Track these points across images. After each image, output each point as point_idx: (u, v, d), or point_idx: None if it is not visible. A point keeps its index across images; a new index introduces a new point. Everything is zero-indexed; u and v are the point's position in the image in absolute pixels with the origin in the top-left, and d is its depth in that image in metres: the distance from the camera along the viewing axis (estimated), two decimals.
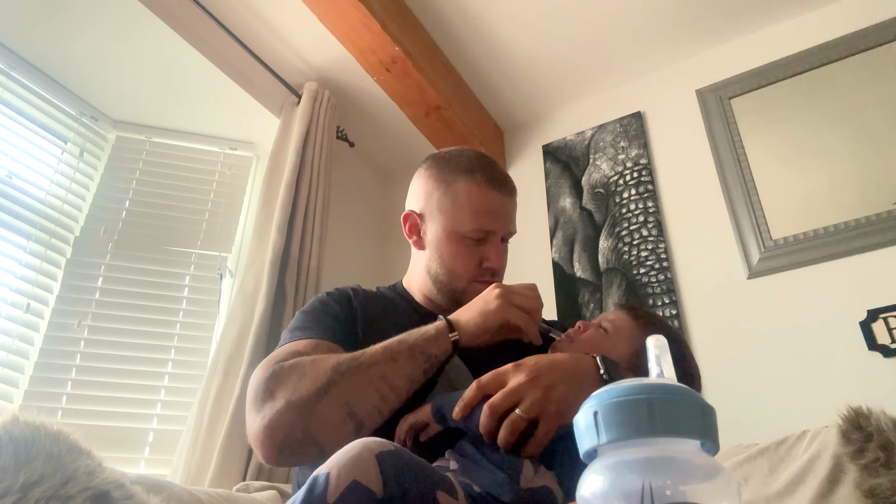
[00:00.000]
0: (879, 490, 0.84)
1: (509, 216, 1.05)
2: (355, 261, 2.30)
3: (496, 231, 1.02)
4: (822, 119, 1.88)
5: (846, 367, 1.56)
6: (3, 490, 0.44)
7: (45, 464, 0.47)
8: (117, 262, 1.81)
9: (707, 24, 2.10)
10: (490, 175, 1.03)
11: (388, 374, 0.81)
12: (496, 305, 0.85)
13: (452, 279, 1.02)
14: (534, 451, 0.69)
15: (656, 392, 0.37)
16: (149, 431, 1.64)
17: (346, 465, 0.54)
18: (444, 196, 1.03)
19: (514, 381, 0.71)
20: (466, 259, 1.01)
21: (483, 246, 1.02)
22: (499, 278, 1.04)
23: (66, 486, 0.47)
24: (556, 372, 0.72)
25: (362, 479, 0.53)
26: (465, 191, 1.01)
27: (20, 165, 1.71)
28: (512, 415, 0.69)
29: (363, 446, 0.56)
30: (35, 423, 0.49)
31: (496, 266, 1.02)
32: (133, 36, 1.79)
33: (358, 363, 0.81)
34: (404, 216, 1.09)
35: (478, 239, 1.01)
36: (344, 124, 2.30)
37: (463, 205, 1.01)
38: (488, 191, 1.01)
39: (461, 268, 1.01)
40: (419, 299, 1.09)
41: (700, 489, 0.35)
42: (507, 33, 2.13)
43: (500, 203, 1.03)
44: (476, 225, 1.00)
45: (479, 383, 0.73)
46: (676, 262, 1.95)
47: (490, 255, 1.01)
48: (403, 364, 0.82)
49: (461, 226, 1.00)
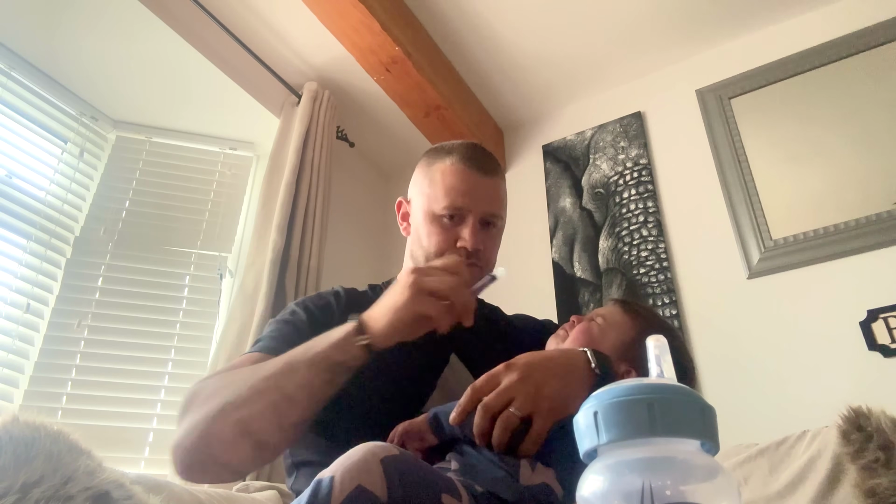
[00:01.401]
0: (879, 490, 0.84)
1: (487, 196, 1.01)
2: (355, 261, 2.30)
3: (469, 209, 0.99)
4: (822, 119, 1.88)
5: (846, 367, 1.56)
6: (3, 490, 0.44)
7: (45, 464, 0.47)
8: (117, 262, 1.81)
9: (707, 24, 2.10)
10: (467, 155, 1.02)
11: (284, 385, 0.76)
12: (406, 297, 0.76)
13: (428, 261, 0.99)
14: (530, 449, 0.68)
15: (656, 392, 0.38)
16: (149, 431, 1.64)
17: (350, 470, 0.54)
18: (424, 178, 1.04)
19: (506, 381, 0.70)
20: (440, 238, 0.99)
21: (459, 226, 0.99)
22: (477, 261, 0.98)
23: (67, 486, 0.47)
24: (547, 368, 0.72)
25: (367, 483, 0.53)
26: (441, 170, 1.02)
27: (20, 165, 1.71)
28: (504, 412, 0.68)
29: (368, 451, 0.56)
30: (35, 423, 0.49)
31: (469, 245, 0.97)
32: (133, 36, 1.79)
33: (255, 377, 0.78)
34: (397, 203, 1.12)
35: (451, 217, 0.99)
36: (344, 124, 2.30)
37: (437, 183, 1.01)
38: (463, 169, 1.00)
39: (434, 247, 0.99)
40: None
41: (700, 489, 0.35)
42: (508, 33, 2.13)
43: (474, 181, 1.00)
44: (447, 202, 0.98)
45: (474, 387, 0.72)
46: (676, 262, 1.95)
47: (464, 234, 0.98)
48: (302, 374, 0.77)
49: (435, 204, 1.00)
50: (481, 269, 0.99)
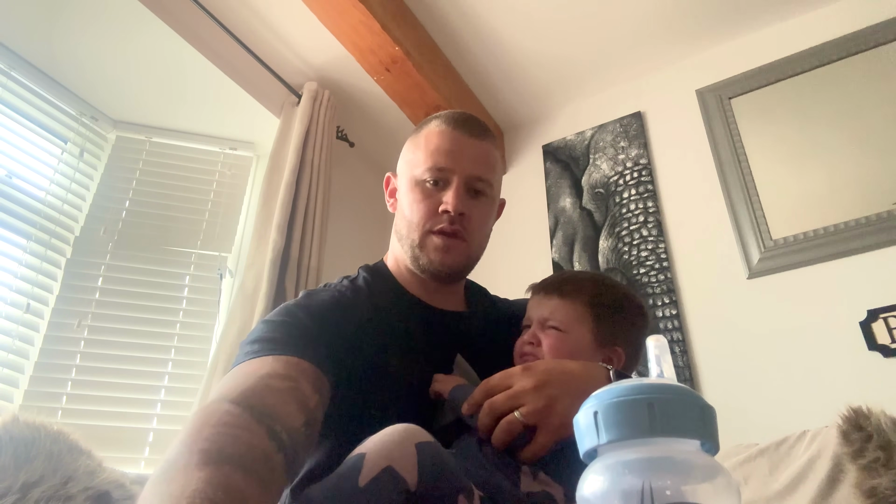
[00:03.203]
0: (879, 490, 0.84)
1: (472, 157, 0.93)
2: (355, 261, 2.28)
3: (454, 170, 0.92)
4: (822, 119, 1.88)
5: (846, 367, 1.56)
6: (3, 490, 0.44)
7: (45, 464, 0.47)
8: (117, 262, 1.81)
9: (707, 24, 2.10)
10: (453, 117, 0.96)
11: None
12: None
13: (410, 231, 0.93)
14: (530, 458, 0.68)
15: (656, 392, 0.38)
16: (149, 431, 1.64)
17: (383, 449, 0.52)
18: (409, 148, 1.00)
19: (518, 385, 0.69)
20: (423, 205, 0.92)
21: (443, 191, 0.92)
22: (460, 227, 0.91)
23: (67, 485, 0.47)
24: (564, 383, 0.70)
25: (397, 465, 0.51)
26: (426, 134, 0.96)
27: (20, 165, 1.70)
28: (510, 416, 0.68)
29: (404, 434, 0.54)
30: (35, 423, 0.49)
31: (452, 208, 0.89)
32: (133, 36, 1.79)
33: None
34: (385, 179, 1.06)
35: (436, 182, 0.92)
36: (344, 124, 2.30)
37: (421, 147, 0.95)
38: (447, 130, 0.94)
39: (417, 215, 0.92)
40: (392, 268, 1.01)
41: (700, 489, 0.35)
42: (508, 33, 2.13)
43: (459, 142, 0.93)
44: (430, 163, 0.92)
45: (487, 384, 0.71)
46: (676, 262, 1.95)
47: (447, 198, 0.90)
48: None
49: (417, 169, 0.93)
50: (467, 244, 0.93)
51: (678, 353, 1.78)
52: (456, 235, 0.91)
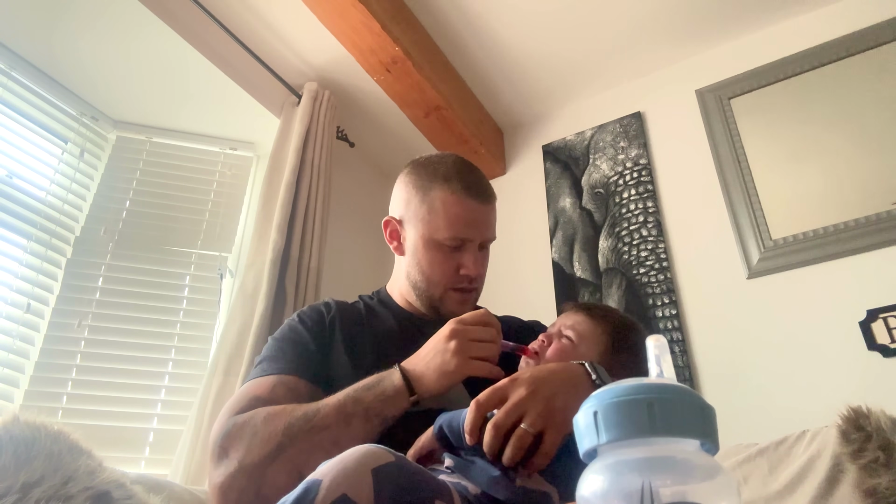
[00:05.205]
0: (879, 490, 0.84)
1: (486, 224, 1.05)
2: (355, 261, 2.30)
3: (473, 239, 1.02)
4: (822, 119, 1.88)
5: (846, 367, 1.56)
6: (3, 490, 0.44)
7: (45, 464, 0.47)
8: (117, 262, 1.81)
9: (707, 25, 2.11)
10: (466, 182, 1.03)
11: (340, 438, 0.80)
12: (455, 364, 0.82)
13: (430, 286, 1.03)
14: (542, 464, 0.67)
15: (656, 392, 0.38)
16: (149, 431, 1.64)
17: (338, 477, 0.53)
18: (422, 203, 1.04)
19: (514, 396, 0.69)
20: (443, 266, 1.02)
21: (460, 253, 1.02)
22: (477, 285, 1.06)
23: (67, 485, 0.47)
24: (553, 381, 0.72)
25: (352, 493, 0.52)
26: (441, 199, 1.02)
27: (20, 165, 1.71)
28: (518, 430, 0.67)
29: (360, 460, 0.55)
30: (35, 422, 0.49)
31: (473, 273, 1.02)
32: (133, 36, 1.79)
33: (310, 426, 0.81)
34: (385, 222, 1.10)
35: (454, 246, 1.02)
36: (344, 124, 2.30)
37: (439, 212, 1.01)
38: (464, 199, 1.02)
39: (438, 275, 1.02)
40: (401, 304, 1.10)
41: (700, 489, 0.35)
42: (508, 33, 2.13)
43: (476, 211, 1.03)
44: (451, 233, 1.01)
45: (479, 403, 0.70)
46: (676, 262, 1.95)
47: (467, 262, 1.02)
48: (357, 427, 0.81)
49: (437, 233, 1.01)
50: (478, 290, 1.07)
51: (678, 353, 1.78)
52: (472, 290, 1.05)
